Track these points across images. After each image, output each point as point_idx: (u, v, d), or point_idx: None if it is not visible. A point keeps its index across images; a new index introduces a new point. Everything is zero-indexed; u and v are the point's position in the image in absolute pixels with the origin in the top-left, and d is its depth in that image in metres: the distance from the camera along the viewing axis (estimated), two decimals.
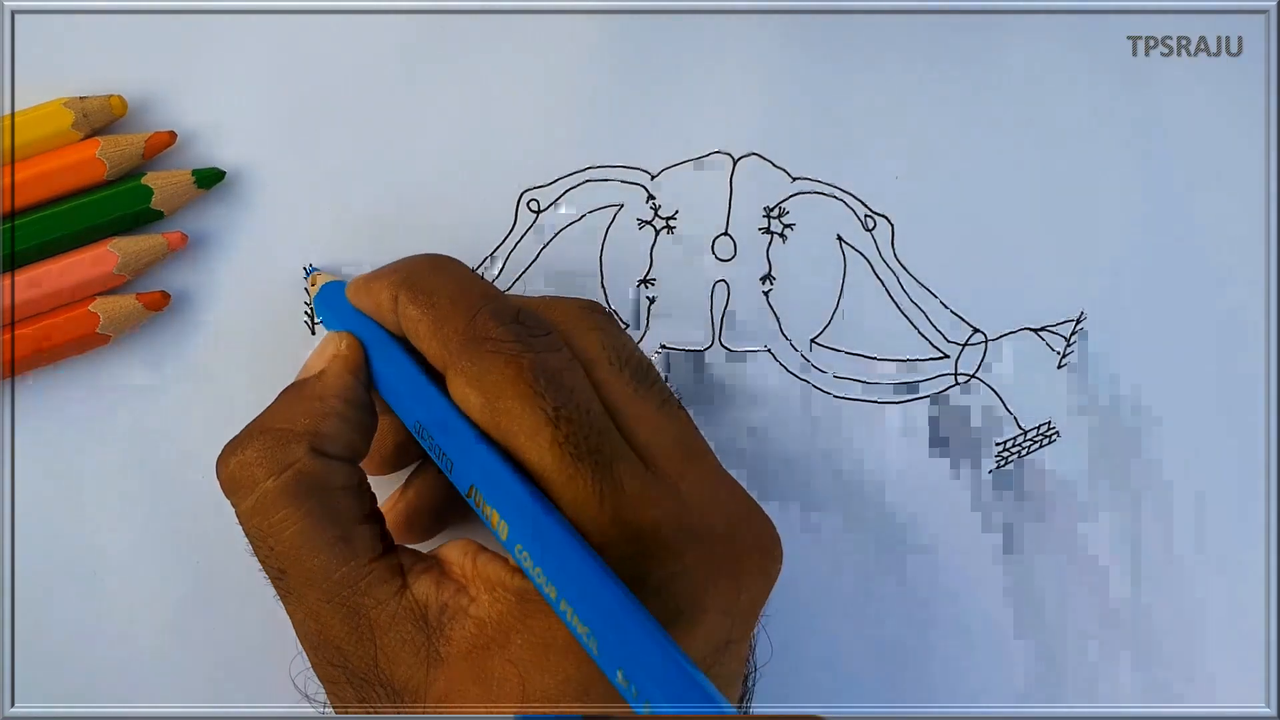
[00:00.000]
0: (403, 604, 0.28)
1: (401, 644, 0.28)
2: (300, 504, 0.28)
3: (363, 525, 0.29)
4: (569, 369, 0.29)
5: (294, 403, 0.30)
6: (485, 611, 0.28)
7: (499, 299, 0.30)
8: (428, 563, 0.29)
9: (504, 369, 0.28)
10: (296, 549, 0.28)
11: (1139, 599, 0.39)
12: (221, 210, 0.36)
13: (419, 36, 0.37)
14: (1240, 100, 0.40)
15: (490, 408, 0.28)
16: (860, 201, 0.38)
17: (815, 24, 0.38)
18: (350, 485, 0.29)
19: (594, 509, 0.27)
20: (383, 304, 0.31)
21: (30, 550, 0.36)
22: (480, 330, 0.29)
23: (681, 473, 0.29)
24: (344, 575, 0.28)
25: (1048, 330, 0.39)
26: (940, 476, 0.38)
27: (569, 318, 0.30)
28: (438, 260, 0.31)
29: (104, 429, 0.36)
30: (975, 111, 0.39)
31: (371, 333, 0.31)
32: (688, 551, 0.27)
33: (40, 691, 0.36)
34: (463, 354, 0.29)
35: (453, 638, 0.28)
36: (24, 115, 0.34)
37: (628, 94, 0.37)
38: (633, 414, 0.29)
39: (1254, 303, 0.40)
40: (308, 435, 0.29)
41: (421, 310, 0.30)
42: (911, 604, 0.38)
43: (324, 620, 0.28)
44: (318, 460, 0.29)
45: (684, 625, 0.27)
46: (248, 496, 0.29)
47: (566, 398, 0.28)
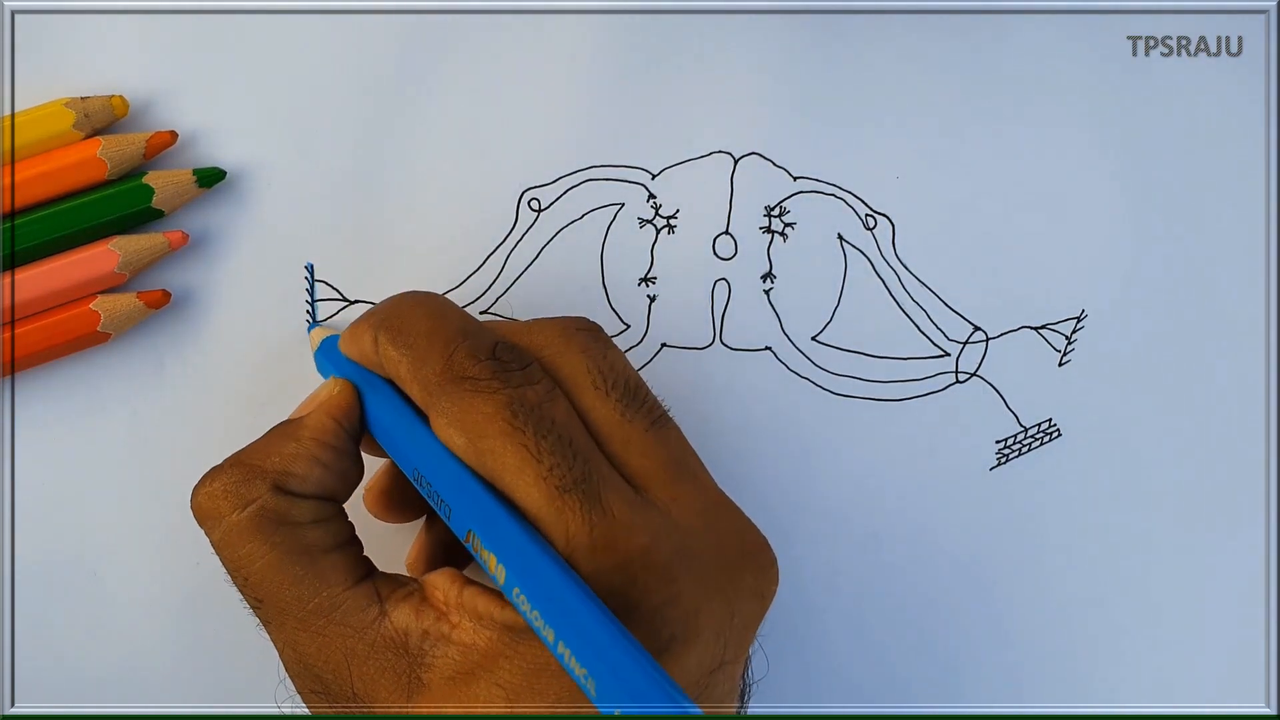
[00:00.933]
0: (381, 631, 0.28)
1: (381, 671, 0.28)
2: (266, 538, 0.29)
3: (334, 554, 0.29)
4: (549, 400, 0.28)
5: (271, 440, 0.30)
6: (470, 639, 0.28)
7: (477, 334, 0.29)
8: (408, 589, 0.29)
9: (483, 407, 0.28)
10: (268, 581, 0.29)
11: (1139, 598, 0.39)
12: (222, 209, 0.36)
13: (419, 36, 0.37)
14: (1240, 100, 0.40)
15: (474, 448, 0.28)
16: (861, 200, 0.38)
17: (816, 23, 0.38)
18: (320, 518, 0.30)
19: (585, 540, 0.27)
20: (366, 348, 0.31)
21: (30, 550, 0.36)
22: (458, 369, 0.29)
23: (673, 495, 0.29)
24: (318, 605, 0.28)
25: (1048, 328, 0.39)
26: (941, 474, 0.38)
27: (553, 341, 0.30)
28: (415, 298, 0.31)
29: (104, 427, 0.36)
30: (976, 111, 0.39)
31: (367, 381, 0.31)
32: (681, 576, 0.27)
33: (40, 691, 0.36)
34: (442, 394, 0.28)
35: (434, 664, 0.28)
36: (25, 115, 0.34)
37: (628, 93, 0.37)
38: (620, 438, 0.29)
39: (1254, 302, 0.40)
40: (275, 474, 0.29)
41: (400, 351, 0.30)
42: (911, 603, 0.38)
43: (301, 648, 0.29)
44: (280, 498, 0.29)
45: (678, 649, 0.27)
46: (216, 528, 0.29)
47: (547, 430, 0.28)
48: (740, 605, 0.29)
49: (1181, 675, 0.39)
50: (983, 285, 0.39)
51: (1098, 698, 0.39)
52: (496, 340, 0.29)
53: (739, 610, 0.28)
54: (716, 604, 0.28)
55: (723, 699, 0.29)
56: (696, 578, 0.28)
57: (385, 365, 0.30)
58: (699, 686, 0.28)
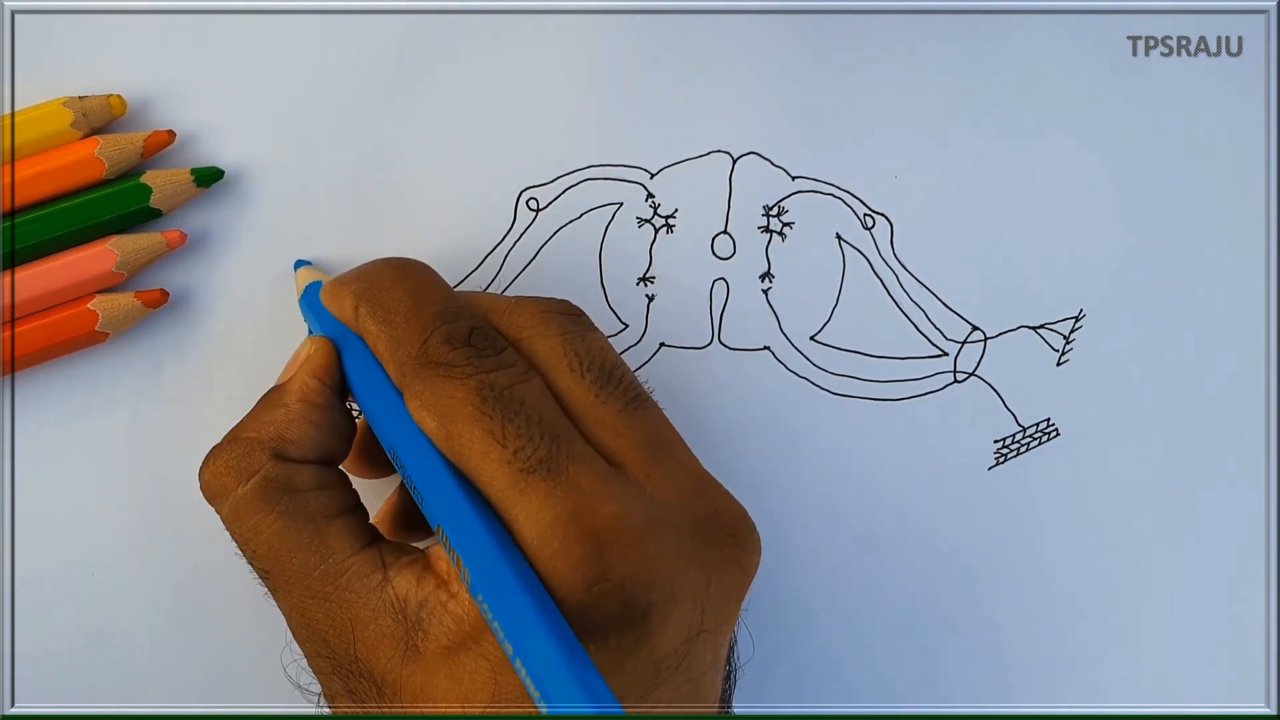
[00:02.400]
0: (383, 597, 0.28)
1: (381, 636, 0.28)
2: (271, 508, 0.29)
3: (338, 520, 0.30)
4: (521, 382, 0.29)
5: (262, 410, 0.31)
6: (464, 609, 0.28)
7: (456, 317, 0.30)
8: (412, 557, 0.29)
9: (454, 392, 0.28)
10: (275, 550, 0.29)
11: (1137, 598, 0.39)
12: (220, 209, 0.36)
13: (419, 36, 0.37)
14: (1240, 100, 0.40)
15: (444, 431, 0.28)
16: (859, 200, 0.38)
17: (815, 23, 0.38)
18: (323, 484, 0.30)
19: (547, 518, 0.27)
20: (346, 313, 0.31)
21: (30, 550, 0.36)
22: (432, 354, 0.29)
23: (648, 471, 0.29)
24: (324, 571, 0.29)
25: (1047, 328, 0.39)
26: (939, 474, 0.38)
27: (533, 323, 0.30)
28: (398, 269, 0.31)
29: (103, 427, 0.36)
30: (975, 110, 0.39)
31: (346, 338, 0.32)
32: (653, 542, 0.27)
33: (40, 691, 0.36)
34: (416, 377, 0.29)
35: (430, 632, 0.28)
36: (24, 115, 0.34)
37: (627, 93, 0.37)
38: (595, 418, 0.29)
39: (1253, 301, 0.39)
40: (271, 442, 0.30)
41: (379, 327, 0.30)
42: (909, 602, 0.38)
43: (309, 614, 0.29)
44: (282, 465, 0.30)
45: (655, 618, 0.27)
46: (224, 504, 0.30)
47: (514, 412, 0.28)
48: (717, 574, 0.29)
49: (1181, 675, 0.39)
50: (981, 285, 0.38)
51: (1096, 698, 0.39)
52: (473, 325, 0.30)
53: (716, 578, 0.29)
54: (693, 572, 0.28)
55: (704, 670, 0.29)
56: (671, 546, 0.28)
57: (364, 336, 0.31)
58: (678, 655, 0.28)
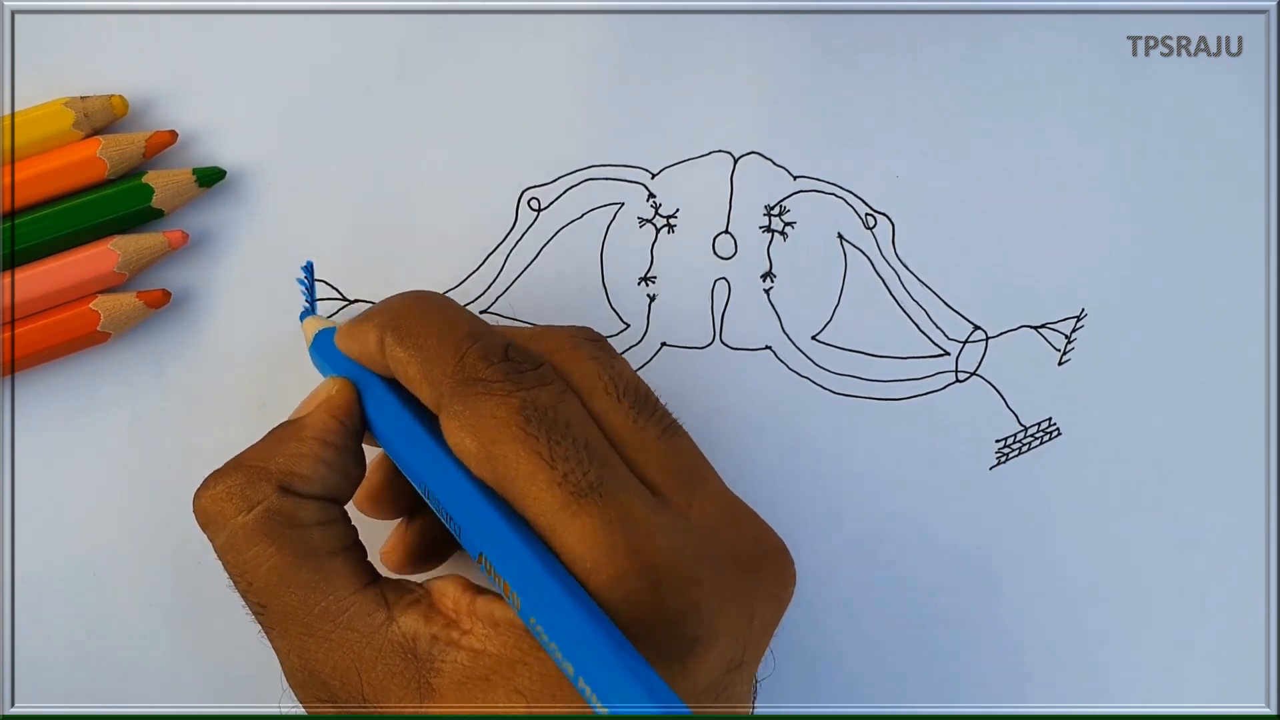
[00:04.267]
0: (389, 637, 0.28)
1: (390, 676, 0.27)
2: (271, 540, 0.28)
3: (339, 558, 0.29)
4: (563, 402, 0.28)
5: (274, 442, 0.30)
6: (481, 645, 0.27)
7: (488, 336, 0.29)
8: (414, 595, 0.29)
9: (495, 410, 0.27)
10: (273, 585, 0.28)
11: (1138, 597, 0.39)
12: (222, 209, 0.36)
13: (419, 36, 0.37)
14: (1240, 100, 0.40)
15: (486, 452, 0.27)
16: (861, 200, 0.38)
17: (816, 23, 0.38)
18: (326, 520, 0.29)
19: (605, 545, 0.26)
20: (370, 348, 0.30)
21: (30, 549, 0.36)
22: (469, 371, 0.28)
23: (689, 501, 0.29)
24: (324, 609, 0.28)
25: (1048, 328, 0.39)
26: (941, 473, 0.38)
27: (562, 348, 0.30)
28: (422, 298, 0.31)
29: (104, 427, 0.36)
30: (975, 110, 0.39)
31: (365, 380, 0.31)
32: (703, 580, 0.27)
33: (40, 691, 0.35)
34: (454, 397, 0.28)
35: (443, 670, 0.27)
36: (25, 115, 0.34)
37: (628, 93, 0.37)
38: (635, 444, 0.29)
39: (1254, 301, 0.40)
40: (280, 475, 0.29)
41: (409, 352, 0.29)
42: (911, 602, 0.38)
43: (308, 655, 0.28)
44: (287, 499, 0.29)
45: (699, 651, 0.27)
46: (220, 532, 0.29)
47: (561, 433, 0.27)
48: (759, 607, 0.28)
49: (1182, 675, 0.39)
50: (982, 284, 0.39)
51: (1097, 698, 0.39)
52: (508, 342, 0.29)
53: (758, 612, 0.28)
54: (736, 607, 0.28)
55: (740, 699, 0.29)
56: (717, 581, 0.27)
57: (392, 366, 0.30)
58: (718, 687, 0.28)
